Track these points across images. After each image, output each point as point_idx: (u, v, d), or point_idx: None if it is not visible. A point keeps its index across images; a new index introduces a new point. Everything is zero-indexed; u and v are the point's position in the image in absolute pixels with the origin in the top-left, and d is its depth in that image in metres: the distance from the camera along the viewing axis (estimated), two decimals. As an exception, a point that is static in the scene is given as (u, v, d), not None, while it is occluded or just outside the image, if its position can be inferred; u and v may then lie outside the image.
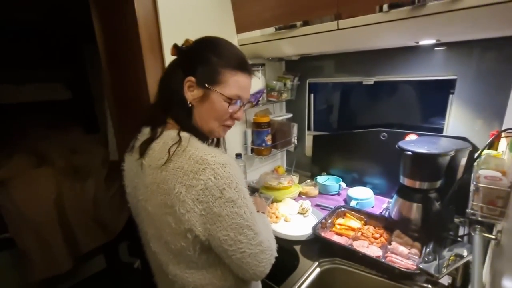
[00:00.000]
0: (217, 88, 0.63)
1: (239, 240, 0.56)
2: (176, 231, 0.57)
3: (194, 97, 0.63)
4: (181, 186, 0.54)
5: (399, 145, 1.02)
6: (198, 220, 0.55)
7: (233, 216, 0.55)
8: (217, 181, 0.53)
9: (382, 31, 0.93)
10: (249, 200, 0.59)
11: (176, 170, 0.55)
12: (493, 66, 1.03)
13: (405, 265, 0.82)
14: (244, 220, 0.57)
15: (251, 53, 1.36)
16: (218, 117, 0.66)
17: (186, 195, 0.53)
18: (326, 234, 1.03)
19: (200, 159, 0.54)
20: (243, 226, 0.56)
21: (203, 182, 0.53)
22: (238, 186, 0.56)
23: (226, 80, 0.63)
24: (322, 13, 1.01)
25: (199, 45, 0.66)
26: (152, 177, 0.58)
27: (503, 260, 0.57)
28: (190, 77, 0.62)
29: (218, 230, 0.55)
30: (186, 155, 0.56)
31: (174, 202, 0.54)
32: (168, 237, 0.59)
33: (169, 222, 0.57)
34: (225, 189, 0.54)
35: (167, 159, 0.56)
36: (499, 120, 1.05)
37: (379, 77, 1.32)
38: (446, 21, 0.81)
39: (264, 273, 0.62)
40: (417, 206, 1.00)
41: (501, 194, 0.63)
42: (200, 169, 0.53)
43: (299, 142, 1.66)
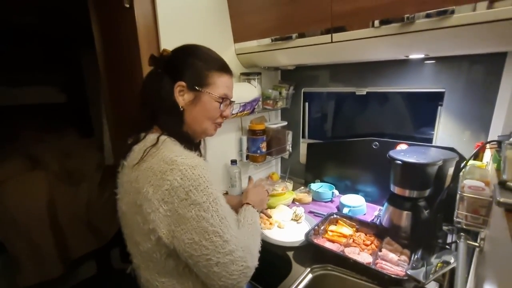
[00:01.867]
0: (207, 89, 0.68)
1: (204, 246, 0.54)
2: (143, 231, 0.57)
3: (186, 101, 0.67)
4: (149, 185, 0.55)
5: (390, 154, 1.05)
6: (162, 221, 0.55)
7: (198, 219, 0.54)
8: (183, 182, 0.54)
9: (373, 45, 0.98)
10: (221, 205, 0.57)
11: (147, 170, 0.57)
12: (479, 80, 1.08)
13: (394, 272, 0.85)
14: (211, 225, 0.54)
15: (248, 62, 1.39)
16: (211, 117, 0.70)
17: (153, 194, 0.55)
18: (319, 241, 1.05)
19: (169, 160, 0.56)
20: (209, 232, 0.54)
21: (169, 182, 0.54)
22: (206, 189, 0.55)
23: (214, 82, 0.68)
24: (317, 27, 1.05)
25: (182, 52, 0.70)
26: (127, 176, 0.61)
27: (485, 267, 0.60)
28: (180, 82, 0.65)
29: (183, 233, 0.54)
30: (158, 156, 0.58)
31: (142, 201, 0.56)
32: (137, 237, 0.60)
33: (138, 221, 0.58)
34: (191, 191, 0.54)
35: (140, 159, 0.58)
36: (486, 131, 1.09)
37: (372, 88, 1.36)
38: (433, 37, 0.85)
39: (238, 284, 0.58)
40: (407, 214, 1.03)
41: (484, 204, 0.66)
42: (168, 170, 0.55)
43: (294, 149, 1.69)
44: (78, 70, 2.85)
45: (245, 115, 1.35)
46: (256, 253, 0.65)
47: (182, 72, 0.66)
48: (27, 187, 1.71)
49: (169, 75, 0.66)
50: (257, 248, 0.67)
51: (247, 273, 0.59)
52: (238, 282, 0.58)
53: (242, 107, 1.28)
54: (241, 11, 1.25)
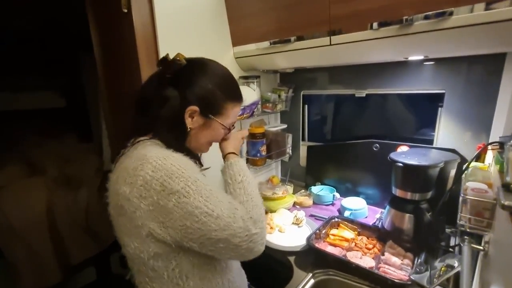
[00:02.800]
0: (219, 119, 0.68)
1: (199, 228, 0.53)
2: (130, 231, 0.56)
3: (195, 124, 0.66)
4: (125, 185, 0.54)
5: (391, 156, 1.04)
6: (148, 216, 0.54)
7: (182, 206, 0.52)
8: (155, 173, 0.53)
9: (372, 47, 0.97)
10: (200, 185, 0.55)
11: (122, 170, 0.57)
12: (479, 81, 1.08)
13: (397, 276, 0.83)
14: (196, 207, 0.52)
15: (247, 65, 1.39)
16: (213, 140, 0.72)
17: (129, 193, 0.54)
18: (320, 245, 1.04)
19: (141, 156, 0.55)
20: (197, 214, 0.52)
21: (142, 177, 0.53)
22: (182, 175, 0.54)
23: (227, 113, 0.69)
24: (316, 29, 1.04)
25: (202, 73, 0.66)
26: (111, 179, 0.61)
27: (491, 271, 0.59)
28: (194, 107, 0.64)
29: (173, 221, 0.53)
30: (133, 155, 0.57)
31: (123, 203, 0.55)
32: (125, 238, 0.58)
33: (124, 223, 0.57)
34: (166, 181, 0.52)
35: (116, 161, 0.59)
36: (486, 132, 1.09)
37: (371, 89, 1.36)
38: (433, 39, 0.85)
39: (252, 252, 0.56)
40: (409, 216, 1.02)
41: (488, 206, 0.65)
42: (139, 165, 0.54)
43: (294, 152, 1.68)
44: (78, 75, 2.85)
45: (245, 118, 1.34)
46: (258, 212, 0.60)
47: (199, 97, 0.64)
48: (25, 193, 1.70)
49: (180, 89, 0.64)
50: (259, 204, 0.62)
51: (255, 239, 0.56)
52: (250, 248, 0.56)
53: (242, 111, 1.27)
54: (240, 14, 1.25)
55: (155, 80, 0.67)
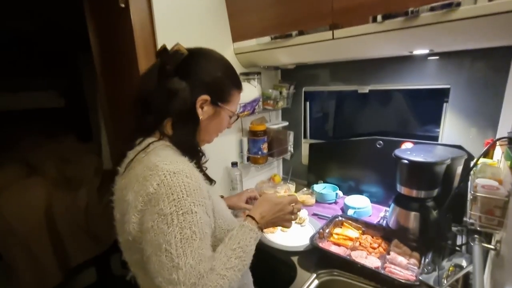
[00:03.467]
0: (227, 106, 0.68)
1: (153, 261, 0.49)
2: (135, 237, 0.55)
3: (205, 115, 0.65)
4: (132, 192, 0.53)
5: (395, 153, 1.02)
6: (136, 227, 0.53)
7: (156, 232, 0.48)
8: (159, 189, 0.49)
9: (376, 41, 0.94)
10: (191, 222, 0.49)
11: (133, 176, 0.55)
12: (485, 75, 1.05)
13: (404, 276, 0.81)
14: (166, 242, 0.47)
15: (247, 61, 1.36)
16: (221, 130, 0.72)
17: (133, 201, 0.52)
18: (324, 245, 1.01)
19: (152, 165, 0.53)
20: (161, 249, 0.47)
21: (146, 188, 0.51)
22: (179, 200, 0.49)
23: (233, 99, 0.70)
24: (317, 24, 1.02)
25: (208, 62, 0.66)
26: (118, 183, 0.60)
27: (504, 271, 0.57)
28: (205, 96, 0.63)
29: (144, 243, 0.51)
30: (144, 162, 0.55)
31: (127, 208, 0.54)
32: (129, 245, 0.58)
33: (128, 230, 0.55)
34: (162, 200, 0.49)
35: (126, 166, 0.57)
36: (493, 128, 1.06)
37: (374, 85, 1.33)
38: (439, 32, 0.82)
39: None
40: (415, 215, 0.99)
41: (499, 204, 0.63)
42: (148, 175, 0.52)
43: (295, 150, 1.65)
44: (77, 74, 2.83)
45: (245, 115, 1.32)
46: None
47: (208, 85, 0.64)
48: (24, 194, 1.68)
49: (188, 79, 0.61)
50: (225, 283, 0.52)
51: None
52: None
53: (242, 108, 1.25)
54: (240, 9, 1.23)
55: (155, 73, 0.62)
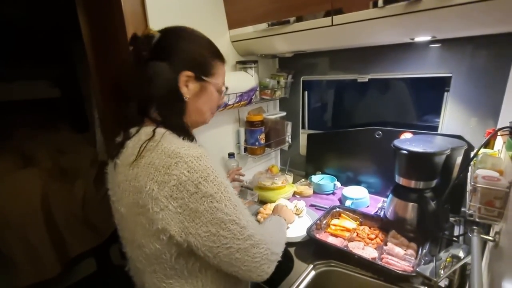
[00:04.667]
0: (213, 79, 0.65)
1: (223, 236, 0.52)
2: (149, 232, 0.53)
3: (191, 93, 0.62)
4: (153, 182, 0.51)
5: (394, 144, 1.00)
6: (173, 219, 0.51)
7: (212, 211, 0.51)
8: (191, 175, 0.50)
9: (377, 27, 0.91)
10: (231, 192, 0.55)
11: (148, 166, 0.52)
12: (488, 63, 1.02)
13: (401, 267, 0.81)
14: (226, 214, 0.52)
15: (244, 49, 1.32)
16: (212, 107, 0.69)
17: (158, 192, 0.50)
18: (321, 236, 1.01)
19: (172, 153, 0.51)
20: (225, 221, 0.52)
21: (176, 177, 0.50)
22: (216, 179, 0.52)
23: (217, 71, 0.66)
24: (316, 9, 0.98)
25: (180, 39, 0.63)
26: (123, 175, 0.56)
27: (503, 263, 0.56)
28: (187, 72, 0.60)
29: (198, 227, 0.51)
30: (158, 150, 0.53)
31: (146, 201, 0.51)
32: (142, 240, 0.55)
33: (142, 223, 0.53)
34: (200, 183, 0.50)
35: (138, 155, 0.53)
36: (494, 118, 1.04)
37: (374, 74, 1.30)
38: (442, 17, 0.79)
39: (260, 269, 0.57)
40: (413, 205, 0.99)
41: (499, 195, 0.62)
42: (172, 163, 0.50)
43: (293, 140, 1.64)
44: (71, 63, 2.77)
45: (242, 105, 1.29)
46: (279, 242, 0.65)
47: (189, 61, 0.61)
48: (20, 185, 1.67)
49: (167, 59, 0.59)
50: (281, 239, 0.68)
51: (270, 256, 0.59)
52: (261, 265, 0.57)
53: (239, 98, 1.22)
54: (235, -6, 1.18)
55: (132, 61, 0.62)
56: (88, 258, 2.05)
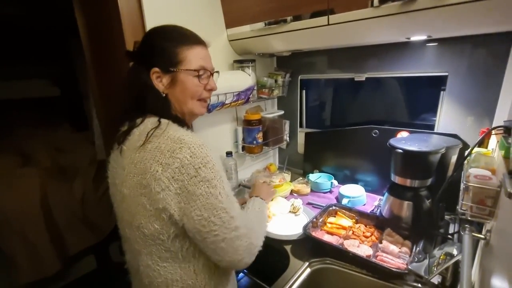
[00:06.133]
0: (181, 67, 0.65)
1: (213, 222, 0.56)
2: (150, 212, 0.57)
3: (165, 84, 0.66)
4: (157, 164, 0.55)
5: (390, 142, 1.01)
6: (173, 199, 0.55)
7: (207, 196, 0.55)
8: (193, 159, 0.54)
9: (373, 27, 0.92)
10: (226, 183, 0.59)
11: (154, 150, 0.56)
12: (484, 62, 1.03)
13: (395, 265, 0.82)
14: (219, 201, 0.56)
15: (241, 48, 1.33)
16: (194, 94, 0.68)
17: (162, 173, 0.54)
18: (317, 234, 1.02)
19: (177, 139, 0.56)
20: (217, 208, 0.56)
21: (179, 160, 0.54)
22: (214, 167, 0.56)
23: (185, 57, 0.65)
24: (313, 8, 0.98)
25: (148, 38, 0.68)
26: (129, 158, 0.60)
27: (493, 260, 0.57)
28: (154, 68, 0.64)
29: (192, 210, 0.55)
30: (164, 136, 0.57)
31: (149, 181, 0.55)
32: (142, 220, 0.58)
33: (143, 203, 0.57)
34: (200, 168, 0.54)
35: (145, 140, 0.58)
36: (490, 117, 1.05)
37: (371, 73, 1.31)
38: (437, 16, 0.79)
39: (242, 262, 0.61)
40: (408, 204, 1.00)
41: (491, 194, 0.63)
42: (177, 148, 0.55)
43: (291, 139, 1.64)
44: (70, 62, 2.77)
45: (240, 104, 1.30)
46: (260, 234, 0.68)
47: (153, 58, 0.65)
48: (19, 184, 1.68)
49: (143, 64, 0.65)
50: (262, 231, 0.70)
51: (251, 249, 0.62)
52: (243, 258, 0.60)
53: (236, 97, 1.22)
54: (232, -7, 1.18)
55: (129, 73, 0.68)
56: (88, 256, 2.07)
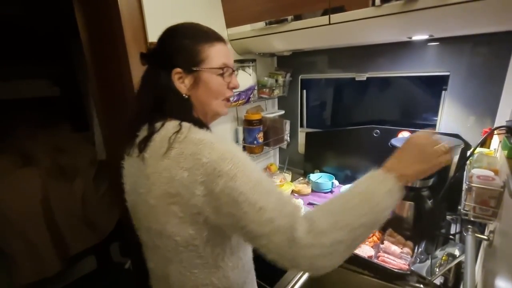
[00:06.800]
0: (204, 65, 0.62)
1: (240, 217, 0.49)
2: (183, 219, 0.54)
3: (187, 86, 0.62)
4: (183, 170, 0.52)
5: (392, 142, 1.00)
6: (204, 202, 0.52)
7: (227, 192, 0.49)
8: (211, 156, 0.51)
9: (374, 26, 0.91)
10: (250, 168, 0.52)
11: (178, 156, 0.53)
12: (485, 62, 1.02)
13: (397, 265, 0.81)
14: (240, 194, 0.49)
15: (242, 48, 1.32)
16: (218, 93, 0.65)
17: (187, 178, 0.51)
18: (318, 234, 1.01)
19: (197, 141, 0.53)
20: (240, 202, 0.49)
21: (200, 161, 0.51)
22: (233, 158, 0.51)
23: (208, 55, 0.63)
24: (314, 7, 0.98)
25: (167, 38, 0.65)
26: (153, 167, 0.56)
27: (496, 261, 0.57)
28: (176, 69, 0.61)
29: (222, 208, 0.51)
30: (187, 141, 0.54)
31: (178, 189, 0.52)
32: (173, 229, 0.56)
33: (174, 211, 0.54)
34: (216, 163, 0.50)
35: (168, 147, 0.54)
36: (491, 116, 1.04)
37: (372, 73, 1.30)
38: (439, 16, 0.79)
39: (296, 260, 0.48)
40: (410, 204, 0.99)
41: (494, 194, 0.62)
42: (197, 150, 0.52)
43: (292, 139, 1.64)
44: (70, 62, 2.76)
45: (240, 104, 1.29)
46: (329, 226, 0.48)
47: (173, 58, 0.62)
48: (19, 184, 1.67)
49: (162, 66, 0.62)
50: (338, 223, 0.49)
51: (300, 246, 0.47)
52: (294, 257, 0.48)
53: (237, 97, 1.22)
54: (233, -8, 1.18)
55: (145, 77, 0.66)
56: (88, 256, 2.06)
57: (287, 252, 0.48)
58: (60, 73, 2.88)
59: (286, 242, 0.47)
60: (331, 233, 0.48)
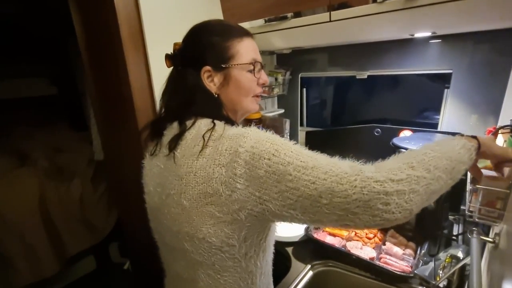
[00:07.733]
0: (233, 62, 0.60)
1: (294, 187, 0.45)
2: (220, 219, 0.52)
3: (217, 84, 0.61)
4: (220, 167, 0.50)
5: (393, 142, 0.99)
6: (245, 195, 0.49)
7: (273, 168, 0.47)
8: (246, 143, 0.49)
9: (375, 23, 0.89)
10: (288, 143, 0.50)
11: (213, 153, 0.51)
12: (489, 60, 1.01)
13: (399, 267, 0.80)
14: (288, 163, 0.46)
15: (241, 46, 1.30)
16: (249, 90, 0.64)
17: (226, 174, 0.49)
18: (319, 235, 1.00)
19: (232, 135, 0.52)
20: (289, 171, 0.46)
21: (236, 153, 0.49)
22: (269, 139, 0.49)
23: (237, 51, 0.61)
24: (314, 4, 0.96)
25: (193, 36, 0.63)
26: (187, 166, 0.54)
27: (503, 265, 0.55)
28: (205, 67, 0.59)
29: (269, 191, 0.47)
30: (221, 138, 0.53)
31: (216, 187, 0.50)
32: (209, 230, 0.53)
33: (211, 212, 0.52)
34: (253, 147, 0.48)
35: (203, 145, 0.52)
36: (495, 115, 1.03)
37: (373, 71, 1.28)
38: (442, 12, 0.77)
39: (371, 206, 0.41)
40: (412, 204, 0.97)
41: (501, 195, 0.60)
42: (232, 144, 0.50)
43: (292, 138, 1.60)
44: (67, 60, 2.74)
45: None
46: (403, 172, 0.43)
47: (202, 56, 0.60)
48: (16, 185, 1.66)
49: (190, 66, 0.61)
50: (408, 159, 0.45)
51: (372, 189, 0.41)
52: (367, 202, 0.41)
53: (236, 96, 1.20)
54: (231, -11, 1.15)
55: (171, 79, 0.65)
56: (87, 257, 2.05)
57: (354, 200, 0.42)
58: (58, 72, 2.86)
59: (352, 188, 0.42)
60: (404, 169, 0.43)
